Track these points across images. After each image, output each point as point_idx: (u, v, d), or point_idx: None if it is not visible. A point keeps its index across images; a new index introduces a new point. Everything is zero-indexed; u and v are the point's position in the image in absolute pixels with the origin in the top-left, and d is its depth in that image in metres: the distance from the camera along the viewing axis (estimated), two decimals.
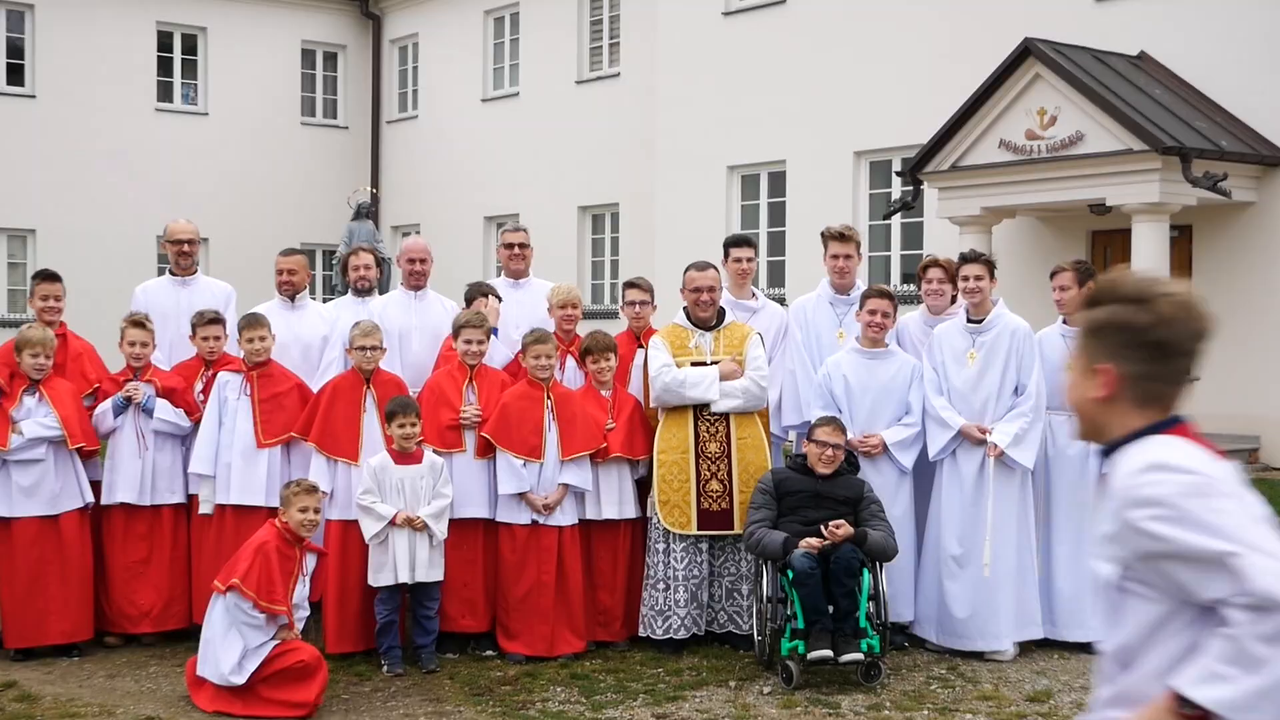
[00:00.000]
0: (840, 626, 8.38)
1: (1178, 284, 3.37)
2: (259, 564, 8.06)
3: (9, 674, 8.72)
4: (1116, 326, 3.33)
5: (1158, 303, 3.30)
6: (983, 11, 20.06)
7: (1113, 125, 16.68)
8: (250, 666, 7.99)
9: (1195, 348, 3.35)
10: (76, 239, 28.23)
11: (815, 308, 10.09)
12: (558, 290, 10.02)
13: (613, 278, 26.88)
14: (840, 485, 8.87)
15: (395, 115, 32.40)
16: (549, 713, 7.94)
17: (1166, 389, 3.37)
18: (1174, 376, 3.36)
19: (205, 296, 10.42)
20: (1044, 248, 19.09)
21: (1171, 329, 3.29)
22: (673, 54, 24.71)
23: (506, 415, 9.22)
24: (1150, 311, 3.29)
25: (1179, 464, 3.20)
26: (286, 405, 9.44)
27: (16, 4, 28.64)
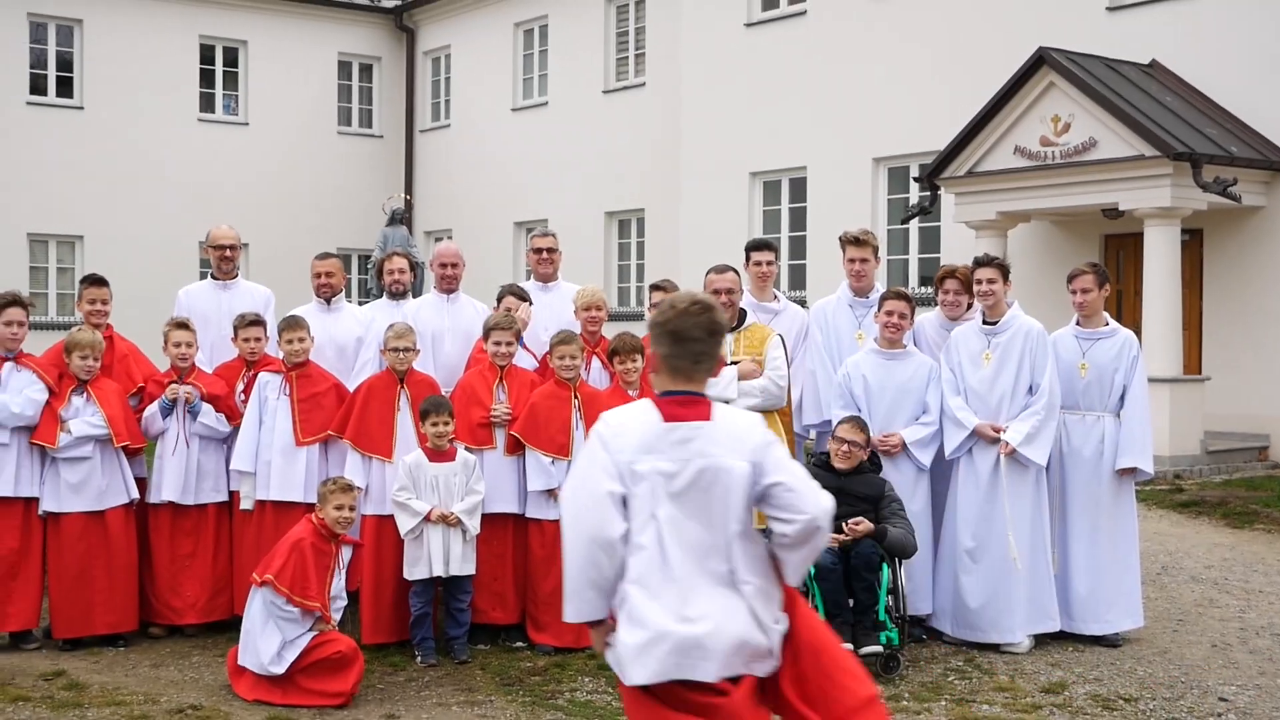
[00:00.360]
0: (860, 620, 8.37)
1: (697, 295, 4.82)
2: (294, 560, 8.08)
3: (58, 663, 8.76)
4: (653, 324, 4.79)
5: (677, 308, 4.72)
6: (998, 22, 20.02)
7: (1125, 132, 16.64)
8: (289, 657, 8.00)
9: (701, 337, 4.72)
10: (122, 244, 28.36)
11: (835, 310, 10.07)
12: (583, 293, 10.02)
13: (638, 281, 26.89)
14: (862, 483, 8.85)
15: (428, 124, 32.45)
16: (577, 702, 7.93)
17: (688, 365, 4.77)
18: (686, 359, 4.75)
19: (245, 300, 10.45)
20: (1058, 251, 19.05)
21: (679, 324, 4.68)
22: (696, 64, 24.71)
23: (535, 414, 9.23)
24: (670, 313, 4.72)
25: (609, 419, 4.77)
26: (324, 405, 9.46)
27: (66, 19, 28.77)
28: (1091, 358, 9.44)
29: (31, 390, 9.17)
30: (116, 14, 29.10)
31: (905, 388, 9.38)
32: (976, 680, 8.39)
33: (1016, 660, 8.86)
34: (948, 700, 7.92)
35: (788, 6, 23.49)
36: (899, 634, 8.47)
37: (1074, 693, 8.13)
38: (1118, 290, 18.75)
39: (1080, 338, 9.52)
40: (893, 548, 8.58)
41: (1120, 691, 8.15)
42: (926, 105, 20.77)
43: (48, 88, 28.81)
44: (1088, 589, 9.32)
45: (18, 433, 9.14)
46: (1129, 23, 18.80)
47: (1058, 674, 8.53)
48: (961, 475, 9.31)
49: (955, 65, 20.49)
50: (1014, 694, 8.07)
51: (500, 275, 24.20)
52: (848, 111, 22.13)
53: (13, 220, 27.96)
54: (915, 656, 8.87)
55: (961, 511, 9.26)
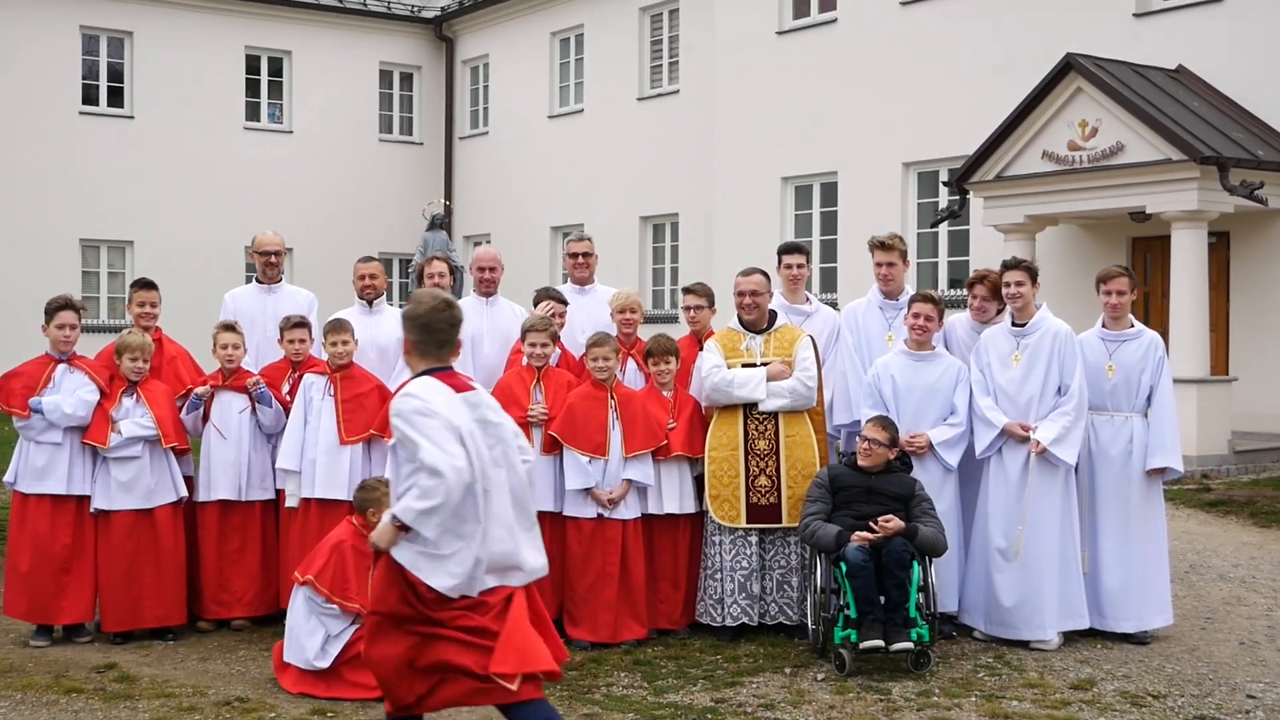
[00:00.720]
0: (891, 617, 8.32)
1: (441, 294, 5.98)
2: (334, 561, 8.09)
3: (109, 656, 8.79)
4: (406, 316, 5.90)
5: (423, 304, 5.88)
6: (1026, 28, 19.94)
7: (1152, 136, 16.54)
8: (333, 651, 8.01)
9: (445, 328, 5.87)
10: (171, 249, 28.52)
11: (866, 312, 10.03)
12: (618, 296, 10.01)
13: (672, 284, 26.88)
14: (892, 482, 8.82)
15: (467, 131, 32.51)
16: (613, 697, 7.92)
17: (434, 350, 5.84)
18: (433, 345, 5.84)
19: (289, 303, 10.49)
20: (1085, 254, 18.95)
21: (429, 318, 5.83)
22: (729, 71, 24.69)
23: (573, 414, 9.23)
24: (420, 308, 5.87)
25: (417, 393, 5.64)
26: (367, 405, 9.47)
27: (117, 31, 28.94)
28: (1118, 359, 9.39)
29: (84, 391, 9.23)
30: (166, 26, 29.26)
31: (933, 388, 9.34)
32: (1006, 676, 8.33)
33: (1046, 657, 8.80)
34: (978, 696, 7.87)
35: (819, 14, 23.45)
36: (929, 631, 8.42)
37: (1103, 689, 8.07)
38: (1145, 293, 18.65)
39: (1106, 339, 9.46)
40: (924, 546, 8.54)
41: (1149, 688, 8.08)
42: (955, 111, 20.70)
43: (99, 98, 28.98)
44: (1118, 587, 9.25)
45: (70, 433, 9.20)
46: (1156, 28, 18.69)
47: (1087, 671, 8.47)
48: (992, 475, 9.26)
49: (984, 71, 20.41)
50: (1043, 690, 8.02)
51: (538, 279, 24.23)
52: (878, 117, 22.07)
53: (66, 226, 28.15)
54: (945, 653, 8.82)
55: (992, 510, 9.21)
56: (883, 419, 9.00)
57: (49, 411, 9.13)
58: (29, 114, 27.89)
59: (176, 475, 9.43)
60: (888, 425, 8.94)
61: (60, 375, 9.30)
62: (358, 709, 7.66)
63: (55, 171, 28.04)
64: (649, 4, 27.57)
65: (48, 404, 9.15)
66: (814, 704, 7.74)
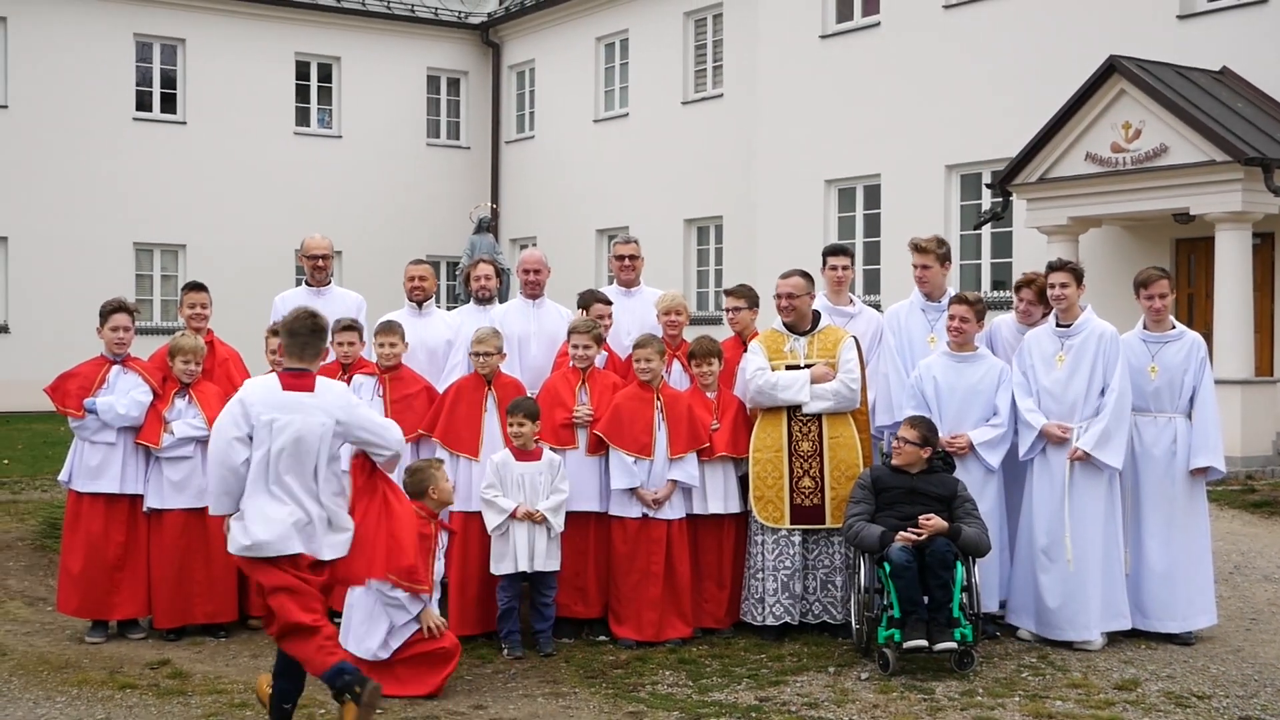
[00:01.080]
0: (935, 616, 8.29)
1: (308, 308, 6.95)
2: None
3: (163, 653, 8.86)
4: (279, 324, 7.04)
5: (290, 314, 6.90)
6: (1069, 30, 19.82)
7: (1196, 138, 16.42)
8: (394, 644, 8.00)
9: (305, 334, 6.75)
10: (223, 253, 28.75)
11: (908, 314, 9.99)
12: (664, 298, 10.00)
13: (716, 286, 26.88)
14: (934, 482, 8.78)
15: (513, 136, 32.59)
16: (658, 695, 7.91)
17: (297, 352, 6.76)
18: (295, 348, 6.76)
19: (338, 305, 10.53)
20: (1129, 255, 18.82)
21: (291, 325, 6.76)
22: (772, 75, 24.66)
23: (619, 415, 9.23)
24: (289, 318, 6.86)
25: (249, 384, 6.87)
26: (416, 406, 9.50)
27: (170, 39, 29.17)
28: (1161, 360, 9.33)
29: (137, 392, 9.32)
30: (217, 33, 29.47)
31: (975, 389, 9.31)
32: (1050, 677, 8.28)
33: (1089, 657, 8.74)
34: (1021, 696, 7.82)
35: (862, 18, 23.39)
36: (973, 631, 8.38)
37: (1147, 690, 8.00)
38: (1189, 294, 18.52)
39: (1148, 341, 9.40)
40: (967, 546, 8.50)
41: (1193, 689, 8.01)
42: (998, 113, 20.60)
43: (153, 104, 29.22)
44: (1162, 588, 9.19)
45: (123, 433, 9.28)
46: (1200, 30, 18.54)
47: (1130, 671, 8.41)
48: (1036, 475, 9.21)
49: (1027, 73, 20.31)
50: (1087, 690, 7.96)
51: (583, 281, 24.23)
52: (921, 120, 22.00)
53: (120, 230, 28.41)
54: (989, 653, 8.77)
55: (1037, 511, 9.16)
56: (915, 418, 8.98)
57: (103, 412, 9.22)
58: (84, 120, 28.15)
59: None
60: (918, 424, 8.91)
61: (114, 376, 9.39)
62: (406, 705, 7.68)
63: (110, 177, 28.30)
64: (693, 8, 27.57)
65: (101, 404, 9.24)
66: (858, 703, 7.71)
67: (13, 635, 9.28)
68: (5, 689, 7.97)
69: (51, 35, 27.90)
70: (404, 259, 11.09)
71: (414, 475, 8.36)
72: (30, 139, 27.66)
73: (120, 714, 7.50)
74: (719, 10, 27.08)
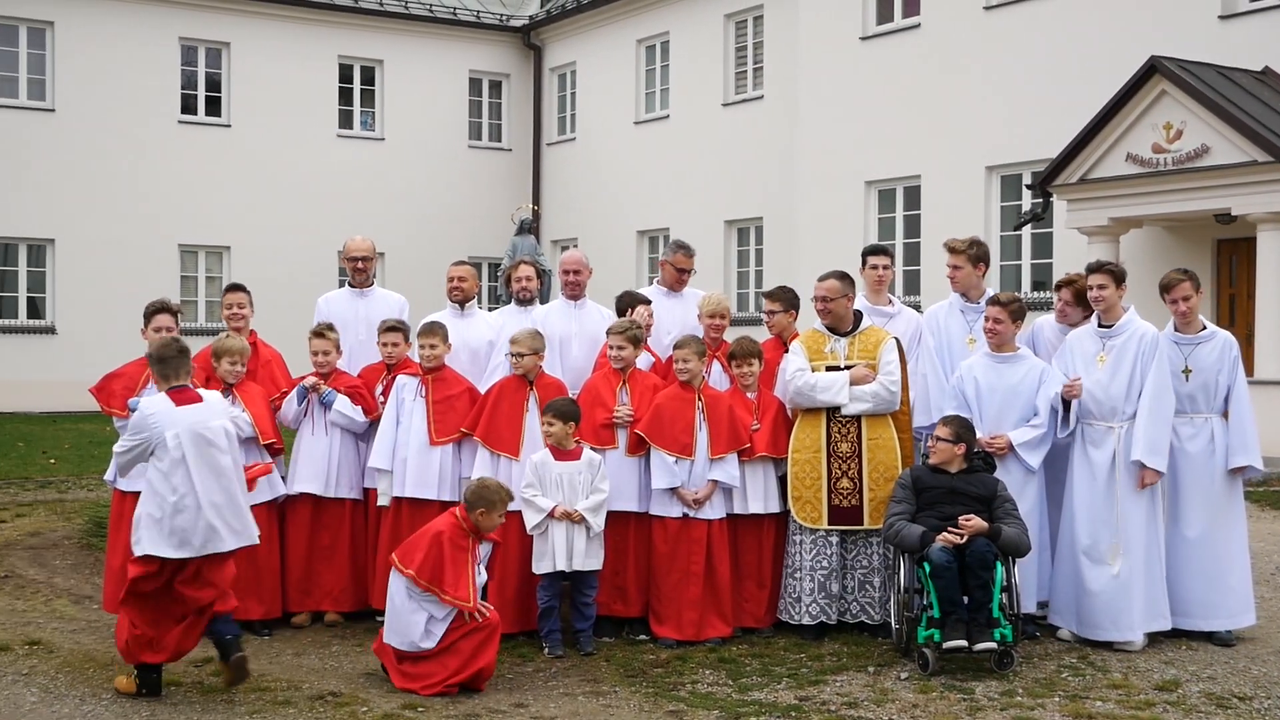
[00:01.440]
0: (975, 616, 8.26)
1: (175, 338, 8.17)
2: (433, 553, 8.10)
3: (207, 650, 8.89)
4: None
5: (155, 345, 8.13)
6: (1109, 31, 19.72)
7: (1237, 138, 16.32)
8: (437, 632, 7.98)
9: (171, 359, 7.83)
10: (266, 254, 28.91)
11: (947, 315, 9.97)
12: (708, 300, 9.99)
13: (757, 287, 26.86)
14: (974, 482, 8.76)
15: (555, 138, 32.65)
16: (698, 694, 7.92)
17: (169, 375, 7.77)
18: (165, 372, 7.79)
19: (381, 306, 10.59)
20: (1170, 256, 18.70)
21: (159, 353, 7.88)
22: (813, 76, 24.62)
23: (660, 415, 9.23)
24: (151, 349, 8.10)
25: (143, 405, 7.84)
26: (458, 406, 9.52)
27: (214, 42, 29.35)
28: (1194, 361, 9.28)
29: None
30: (261, 37, 29.65)
31: (1015, 390, 9.27)
32: (1090, 677, 8.24)
33: (1130, 658, 8.70)
34: (1061, 696, 7.79)
35: (902, 19, 23.32)
36: (1013, 631, 8.35)
37: (1188, 690, 7.96)
38: (1230, 294, 18.39)
39: (1180, 343, 9.33)
40: (1007, 547, 8.47)
41: (1234, 690, 7.96)
42: (1039, 114, 20.51)
43: (197, 107, 29.42)
44: (1200, 587, 9.14)
45: None
46: (1241, 30, 18.41)
47: (1171, 672, 8.36)
48: (1076, 474, 9.17)
49: (1067, 74, 20.21)
50: (1128, 691, 7.92)
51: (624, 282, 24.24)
52: (961, 121, 21.92)
53: (165, 232, 28.60)
54: (1029, 653, 8.74)
55: (1078, 511, 9.12)
56: (949, 416, 8.96)
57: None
58: (130, 124, 28.36)
59: (274, 474, 9.55)
60: (951, 421, 8.89)
61: None
62: (448, 704, 7.70)
63: (155, 179, 28.50)
64: (733, 10, 27.55)
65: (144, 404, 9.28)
66: (897, 703, 7.70)
67: (59, 633, 9.36)
68: (52, 686, 8.04)
69: (97, 39, 28.12)
70: (446, 260, 11.13)
71: (482, 490, 8.32)
72: (76, 142, 27.89)
73: (165, 711, 7.55)
74: (759, 12, 27.06)
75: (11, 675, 8.25)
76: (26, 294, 27.96)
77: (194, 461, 7.61)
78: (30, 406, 26.18)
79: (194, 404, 7.75)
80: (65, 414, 25.51)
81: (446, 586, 8.00)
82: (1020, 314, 9.41)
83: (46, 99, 27.98)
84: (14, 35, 27.80)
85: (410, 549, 8.24)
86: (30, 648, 8.89)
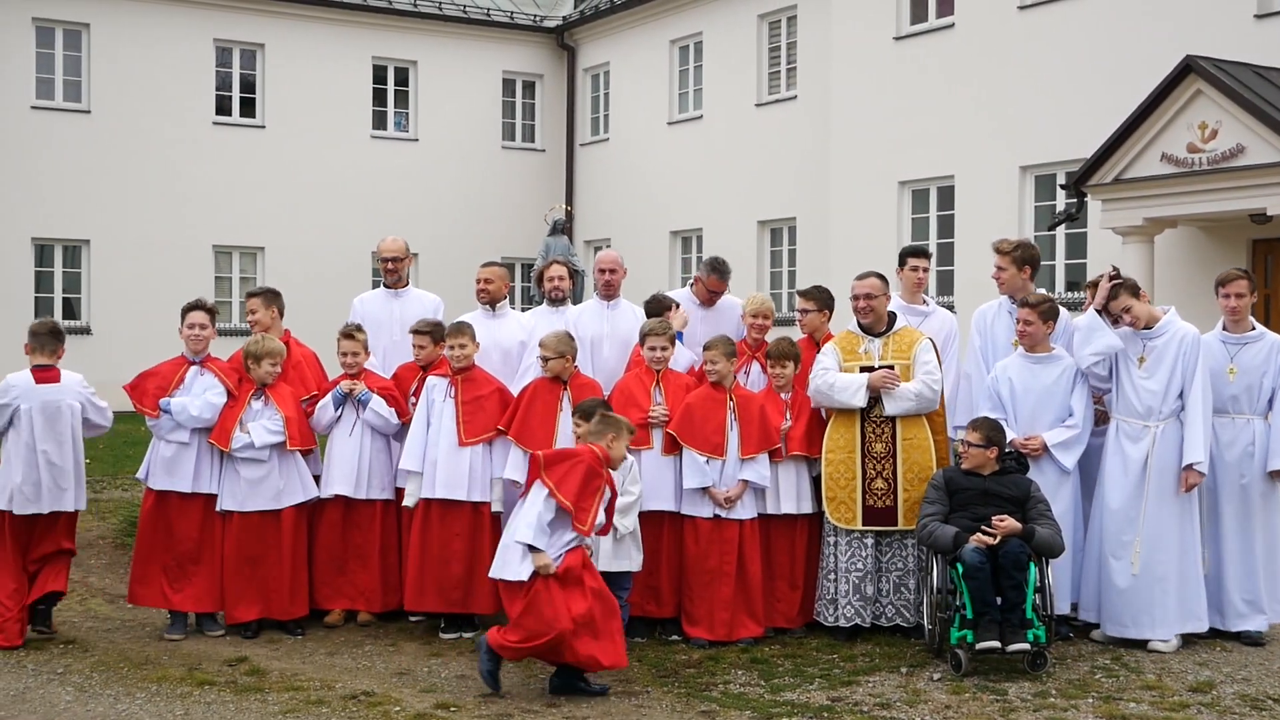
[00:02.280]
0: (1008, 617, 8.25)
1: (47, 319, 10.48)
2: (576, 475, 7.95)
3: (240, 650, 8.96)
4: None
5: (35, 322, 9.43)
6: (1144, 30, 19.60)
7: (1273, 137, 16.19)
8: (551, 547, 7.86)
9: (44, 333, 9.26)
10: (301, 255, 28.99)
11: (995, 317, 9.96)
12: (752, 300, 9.99)
13: (790, 287, 26.79)
14: (1007, 483, 8.74)
15: (588, 138, 32.65)
16: (730, 694, 7.92)
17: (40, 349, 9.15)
18: (34, 347, 9.18)
19: (416, 307, 10.62)
20: (1205, 256, 18.57)
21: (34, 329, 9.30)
22: (846, 77, 24.55)
23: (691, 415, 9.24)
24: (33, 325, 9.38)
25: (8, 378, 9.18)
26: (488, 407, 9.53)
27: (249, 44, 29.47)
28: (1240, 362, 9.25)
29: (212, 394, 9.43)
30: (295, 38, 29.74)
31: (1049, 390, 9.26)
32: (1124, 678, 8.21)
33: (1164, 659, 8.66)
34: (1095, 698, 7.76)
35: (935, 19, 23.24)
36: (1046, 632, 8.33)
37: (1222, 692, 7.92)
38: (1265, 295, 18.27)
39: (1228, 342, 9.33)
40: (1040, 548, 8.45)
41: (1269, 692, 7.92)
42: (1073, 113, 20.41)
43: (232, 109, 29.52)
44: (1240, 587, 9.14)
45: (198, 433, 9.40)
46: (1278, 29, 18.27)
47: (1205, 673, 8.32)
48: (1109, 469, 9.14)
49: (1101, 74, 20.11)
50: (1161, 692, 7.89)
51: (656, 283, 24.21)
52: (995, 120, 21.83)
53: (199, 233, 28.71)
54: (1062, 654, 8.71)
55: (1108, 505, 9.08)
56: (978, 420, 8.95)
57: (176, 412, 9.34)
58: (165, 125, 28.48)
59: (305, 475, 9.60)
60: (980, 425, 8.87)
61: (191, 377, 9.52)
62: (481, 703, 7.72)
63: (190, 180, 28.61)
64: (767, 11, 27.50)
65: (175, 405, 9.36)
66: (930, 703, 7.68)
67: (94, 632, 9.44)
68: (87, 685, 8.10)
69: (133, 41, 28.25)
70: (479, 261, 11.15)
71: (602, 419, 8.30)
72: (112, 143, 28.03)
73: (199, 710, 7.59)
74: (793, 13, 27.00)
75: (47, 674, 8.32)
76: (62, 295, 28.11)
77: (40, 431, 9.04)
78: None
79: (52, 383, 9.16)
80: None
81: (584, 506, 7.88)
82: (1052, 314, 9.38)
83: (82, 101, 28.13)
84: (50, 37, 27.97)
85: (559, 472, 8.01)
86: (65, 647, 8.97)
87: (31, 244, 27.71)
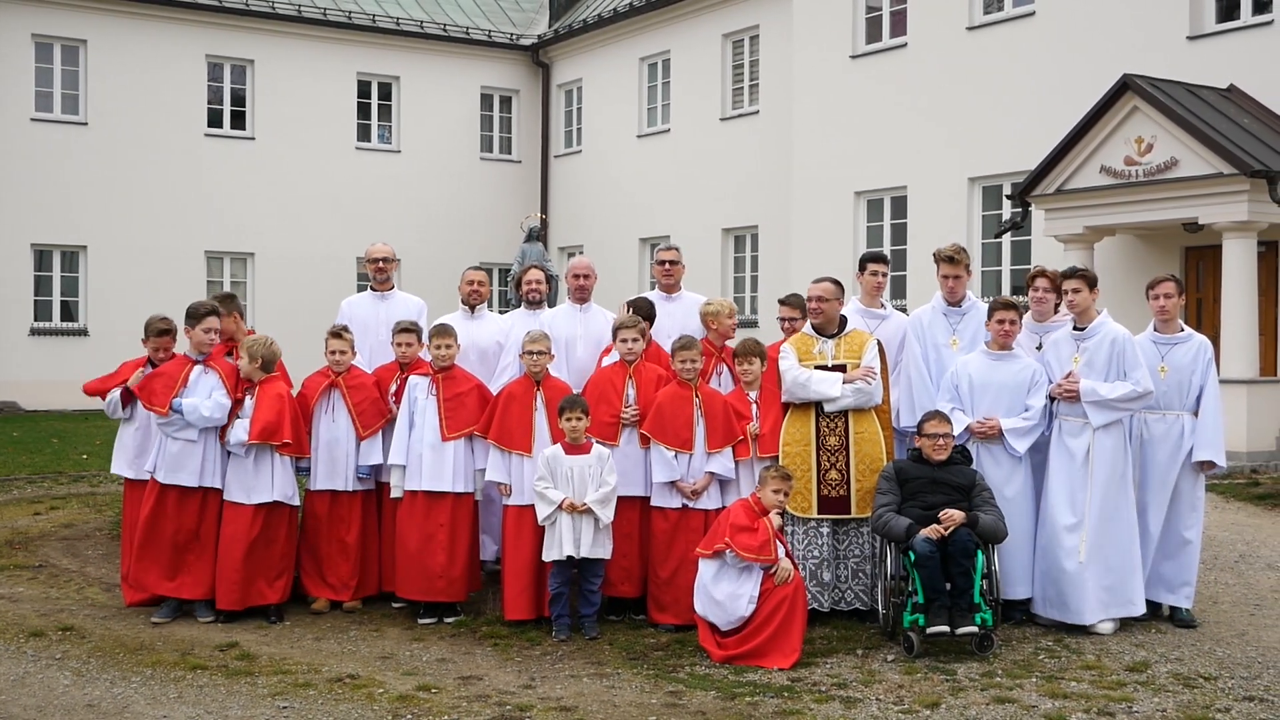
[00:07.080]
0: (957, 602, 8.29)
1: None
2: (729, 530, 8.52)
3: (231, 635, 8.93)
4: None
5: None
6: (1084, 51, 19.73)
7: (1204, 151, 16.33)
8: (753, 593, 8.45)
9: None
10: (290, 261, 28.95)
11: (931, 319, 9.96)
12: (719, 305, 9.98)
13: (753, 291, 26.88)
14: (955, 473, 8.79)
15: (562, 150, 32.65)
16: (696, 675, 7.94)
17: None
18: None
19: (400, 309, 10.61)
20: (1141, 262, 18.72)
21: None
22: (806, 93, 24.63)
23: (661, 412, 9.26)
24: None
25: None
26: (468, 404, 9.54)
27: (239, 59, 29.36)
28: (1170, 361, 9.33)
29: (219, 394, 9.42)
30: (284, 55, 29.65)
31: (1006, 386, 9.29)
32: (1065, 659, 8.27)
33: (1102, 641, 8.72)
34: (1038, 677, 7.81)
35: (890, 39, 23.32)
36: (993, 615, 8.38)
37: (1156, 671, 7.98)
38: (1197, 299, 18.41)
39: (1158, 343, 9.41)
40: (985, 534, 8.51)
41: (1200, 670, 7.99)
42: (1018, 128, 20.53)
43: (223, 121, 29.40)
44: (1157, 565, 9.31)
45: (205, 430, 9.40)
46: (1208, 50, 18.42)
47: (1141, 654, 8.39)
48: (1054, 461, 9.19)
49: (1044, 91, 20.23)
50: (1100, 672, 7.95)
51: (627, 287, 24.30)
52: (945, 134, 21.93)
53: (192, 239, 28.60)
54: (1008, 637, 8.76)
55: (1054, 497, 9.13)
56: (934, 414, 9.04)
57: (188, 413, 9.32)
58: (159, 136, 28.36)
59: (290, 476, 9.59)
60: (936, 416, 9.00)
61: (195, 376, 9.49)
62: (460, 684, 7.72)
63: (183, 189, 28.50)
64: (731, 31, 27.55)
65: (187, 406, 9.33)
66: (884, 683, 7.72)
67: (91, 619, 9.39)
68: (84, 669, 8.07)
69: (129, 56, 28.11)
70: (458, 266, 11.15)
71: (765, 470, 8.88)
72: (109, 154, 27.90)
73: (192, 693, 7.57)
74: (755, 32, 27.05)
75: (46, 659, 8.28)
76: (60, 298, 27.94)
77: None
78: (63, 405, 26.14)
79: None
80: (96, 412, 25.40)
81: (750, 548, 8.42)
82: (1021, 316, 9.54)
83: (80, 113, 27.97)
84: (50, 53, 27.79)
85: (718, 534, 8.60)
86: (64, 633, 8.92)
87: (31, 249, 27.56)
